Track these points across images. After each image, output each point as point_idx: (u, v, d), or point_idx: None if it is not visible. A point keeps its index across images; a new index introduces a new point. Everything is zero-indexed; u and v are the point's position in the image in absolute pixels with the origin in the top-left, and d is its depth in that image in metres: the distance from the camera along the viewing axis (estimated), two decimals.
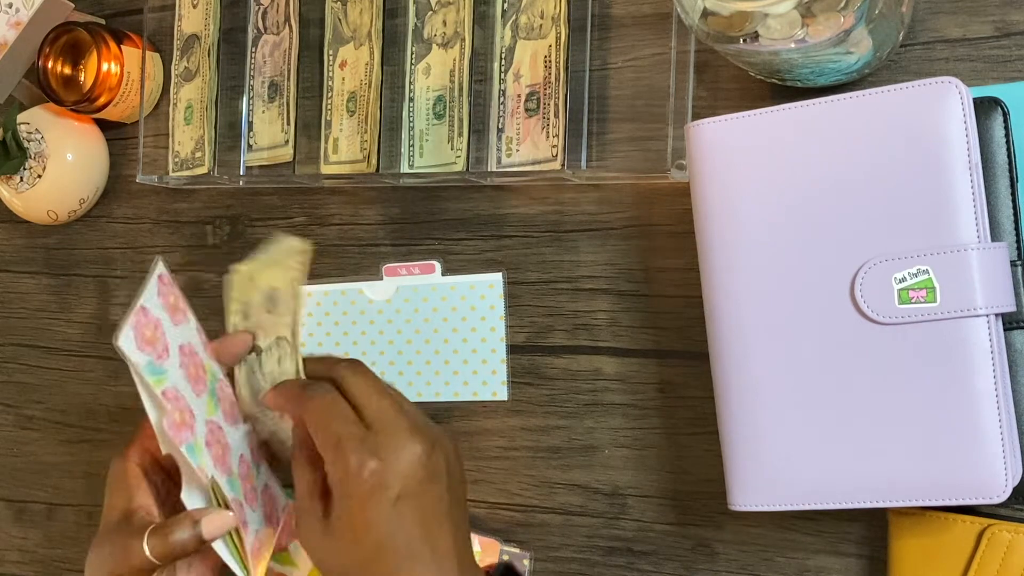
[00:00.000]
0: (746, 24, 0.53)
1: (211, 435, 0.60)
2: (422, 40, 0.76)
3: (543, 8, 0.72)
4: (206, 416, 0.60)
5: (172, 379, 0.58)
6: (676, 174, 0.66)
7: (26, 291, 0.95)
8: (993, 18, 0.61)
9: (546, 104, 0.71)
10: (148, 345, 0.57)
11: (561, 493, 0.72)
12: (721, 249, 0.59)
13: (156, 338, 0.57)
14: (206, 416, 0.60)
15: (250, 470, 0.64)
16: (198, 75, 0.85)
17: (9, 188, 0.89)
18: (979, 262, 0.53)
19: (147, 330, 0.57)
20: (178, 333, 0.60)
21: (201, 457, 0.58)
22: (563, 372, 0.72)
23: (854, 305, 0.56)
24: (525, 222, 0.74)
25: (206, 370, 0.62)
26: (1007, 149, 0.56)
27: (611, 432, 0.71)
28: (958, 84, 0.54)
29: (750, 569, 0.67)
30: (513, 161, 0.72)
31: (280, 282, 0.62)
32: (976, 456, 0.53)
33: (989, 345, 0.53)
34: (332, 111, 0.79)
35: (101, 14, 0.91)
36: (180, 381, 0.58)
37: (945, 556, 0.58)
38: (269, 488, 0.66)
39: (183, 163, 0.86)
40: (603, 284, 0.71)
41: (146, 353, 0.56)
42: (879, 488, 0.55)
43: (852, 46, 0.56)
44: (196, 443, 0.58)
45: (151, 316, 0.58)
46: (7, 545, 0.94)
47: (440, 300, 0.76)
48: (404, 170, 0.76)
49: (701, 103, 0.68)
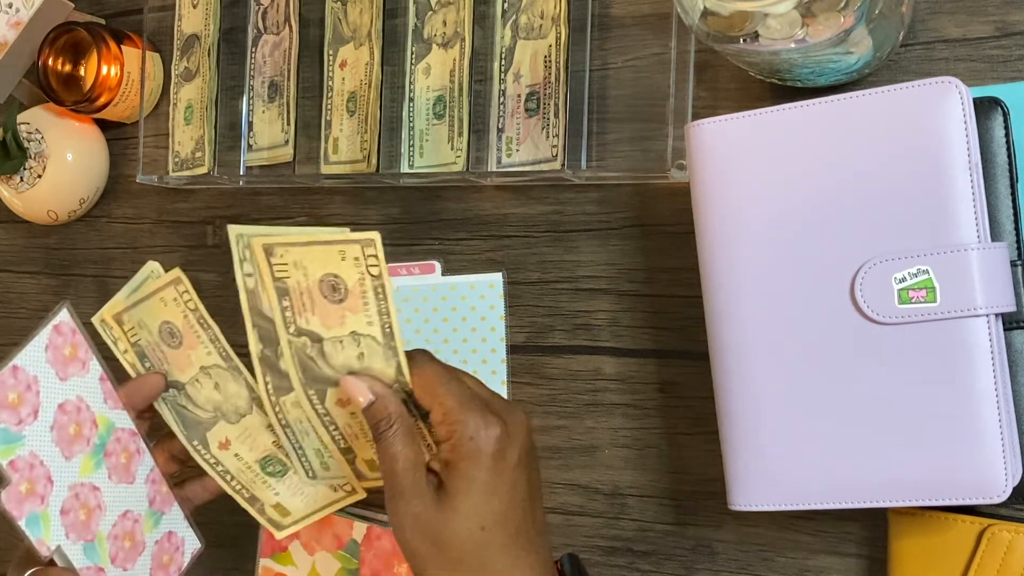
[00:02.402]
0: (746, 24, 0.53)
1: (74, 499, 0.59)
2: (422, 40, 0.76)
3: (543, 8, 0.72)
4: (75, 479, 0.59)
5: (30, 444, 0.57)
6: (676, 174, 0.66)
7: (26, 291, 0.95)
8: (993, 18, 0.61)
9: (546, 104, 0.71)
10: (7, 410, 0.56)
11: (561, 493, 0.72)
12: (721, 249, 0.59)
13: (21, 401, 0.56)
14: (75, 479, 0.59)
15: (137, 525, 0.63)
16: (198, 75, 0.85)
17: (9, 188, 0.89)
18: (979, 262, 0.53)
19: (11, 393, 0.56)
20: (64, 389, 0.59)
21: (45, 528, 0.58)
22: (563, 372, 0.72)
23: (854, 305, 0.56)
24: (525, 222, 0.74)
25: (97, 424, 0.61)
26: (1007, 149, 0.56)
27: (611, 432, 0.71)
28: (958, 84, 0.54)
29: (750, 569, 0.67)
30: (513, 161, 0.72)
31: (170, 316, 0.59)
32: (976, 456, 0.53)
33: (989, 345, 0.53)
34: (332, 111, 0.79)
35: (101, 14, 0.91)
36: (44, 445, 0.58)
37: (945, 556, 0.58)
38: (172, 535, 0.66)
39: (183, 163, 0.86)
40: (603, 284, 0.71)
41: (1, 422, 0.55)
42: (879, 488, 0.55)
43: (852, 46, 0.56)
44: (41, 513, 0.58)
45: (22, 377, 0.57)
46: (8, 545, 0.94)
47: (440, 300, 0.76)
48: (404, 170, 0.76)
49: (701, 103, 0.68)
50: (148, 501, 0.64)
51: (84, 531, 0.60)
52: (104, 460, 0.61)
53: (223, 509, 0.84)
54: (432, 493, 0.55)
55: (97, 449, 0.61)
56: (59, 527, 0.58)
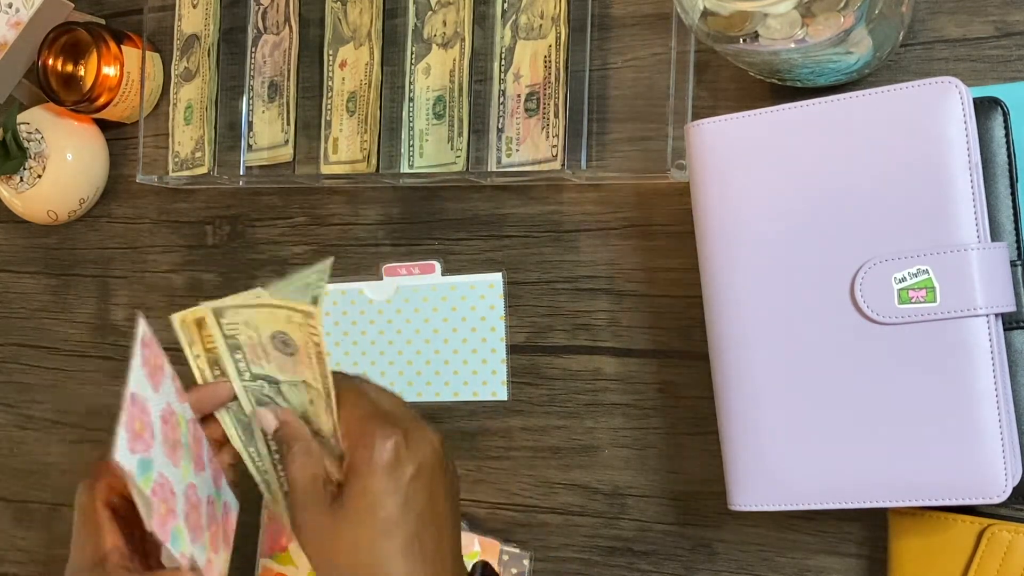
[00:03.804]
0: (746, 24, 0.53)
1: (188, 504, 0.60)
2: (422, 40, 0.76)
3: (543, 8, 0.72)
4: (184, 483, 0.60)
5: (157, 465, 0.58)
6: (676, 174, 0.66)
7: (26, 291, 0.95)
8: (993, 18, 0.61)
9: (546, 104, 0.71)
10: (138, 440, 0.56)
11: (561, 493, 0.72)
12: (721, 249, 0.59)
13: (144, 426, 0.57)
14: (184, 483, 0.60)
15: (215, 507, 0.64)
16: (198, 75, 0.85)
17: (9, 188, 0.89)
18: (979, 262, 0.53)
19: (136, 423, 0.56)
20: (158, 399, 0.59)
21: (183, 540, 0.58)
22: (563, 372, 0.72)
23: (854, 305, 0.56)
24: (525, 222, 0.74)
25: (180, 423, 0.61)
26: (1007, 149, 0.56)
27: (611, 432, 0.71)
28: (958, 84, 0.54)
29: (750, 569, 0.67)
30: (513, 161, 0.72)
31: (291, 332, 0.62)
32: (976, 456, 0.53)
33: (989, 345, 0.53)
34: (332, 111, 0.79)
35: (101, 14, 0.91)
36: (163, 461, 0.58)
37: (945, 556, 0.58)
38: (227, 504, 0.66)
39: (183, 163, 0.86)
40: (603, 284, 0.71)
41: (136, 452, 0.56)
42: (879, 488, 0.55)
43: (852, 46, 0.56)
44: (178, 527, 0.58)
45: (138, 402, 0.57)
46: (7, 545, 0.94)
47: (440, 300, 0.76)
48: (404, 170, 0.76)
49: (701, 103, 0.68)
50: (213, 482, 0.65)
51: (198, 531, 0.61)
52: (191, 454, 0.62)
53: None
54: (328, 503, 0.57)
55: (187, 449, 0.61)
56: (186, 535, 0.59)
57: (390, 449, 0.56)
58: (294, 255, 0.82)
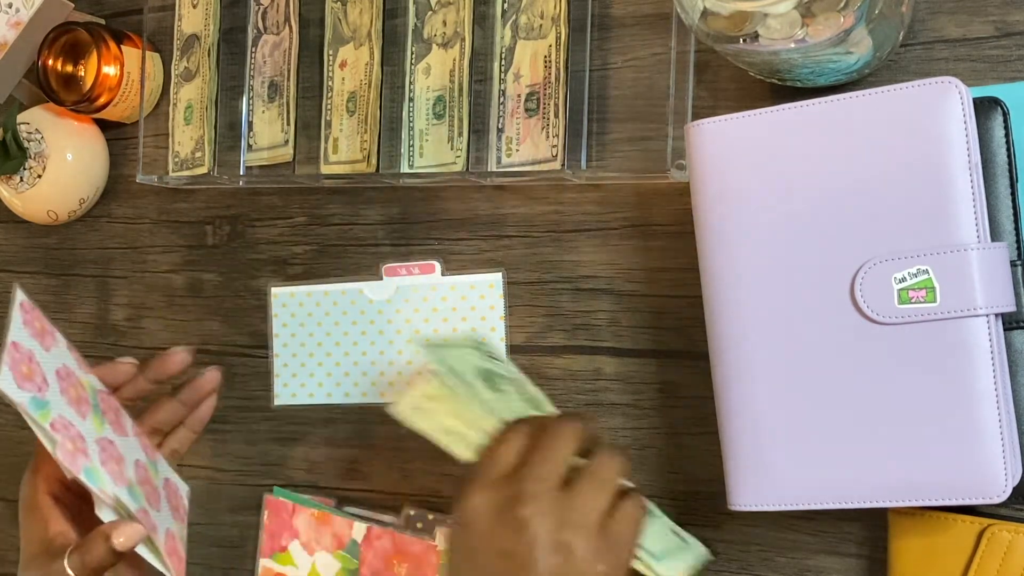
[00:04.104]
0: (746, 24, 0.53)
1: (104, 452, 0.62)
2: (422, 40, 0.76)
3: (543, 8, 0.72)
4: (95, 435, 0.62)
5: (56, 408, 0.59)
6: (676, 174, 0.66)
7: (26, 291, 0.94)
8: (993, 18, 0.61)
9: (546, 104, 0.71)
10: (27, 381, 0.58)
11: None
12: (721, 249, 0.59)
13: (33, 371, 0.59)
14: (95, 435, 0.62)
15: (148, 472, 0.65)
16: (198, 75, 0.85)
17: (9, 188, 0.89)
18: (979, 262, 0.53)
19: (23, 366, 0.58)
20: (51, 358, 0.61)
21: (100, 478, 0.60)
22: (563, 372, 0.72)
23: (854, 305, 0.56)
24: (525, 222, 0.74)
25: (85, 387, 0.63)
26: (1007, 149, 0.56)
27: (611, 432, 0.71)
28: (958, 84, 0.54)
29: (750, 569, 0.67)
30: (513, 161, 0.72)
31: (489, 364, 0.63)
32: (976, 456, 0.53)
33: (989, 345, 0.53)
34: (332, 111, 0.79)
35: (101, 14, 0.91)
36: (64, 408, 0.60)
37: (945, 556, 0.58)
38: (169, 481, 0.69)
39: (183, 163, 0.86)
40: (603, 284, 0.71)
41: (27, 390, 0.58)
42: (879, 488, 0.55)
43: (852, 46, 0.56)
44: (92, 466, 0.60)
45: (23, 350, 0.59)
46: (7, 545, 0.94)
47: (440, 300, 0.76)
48: (404, 170, 0.76)
49: (701, 103, 0.68)
50: (143, 451, 0.66)
51: (122, 479, 0.62)
52: (104, 417, 0.63)
53: (222, 509, 0.84)
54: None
55: (95, 408, 0.62)
56: (107, 476, 0.61)
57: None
58: (294, 255, 0.82)
